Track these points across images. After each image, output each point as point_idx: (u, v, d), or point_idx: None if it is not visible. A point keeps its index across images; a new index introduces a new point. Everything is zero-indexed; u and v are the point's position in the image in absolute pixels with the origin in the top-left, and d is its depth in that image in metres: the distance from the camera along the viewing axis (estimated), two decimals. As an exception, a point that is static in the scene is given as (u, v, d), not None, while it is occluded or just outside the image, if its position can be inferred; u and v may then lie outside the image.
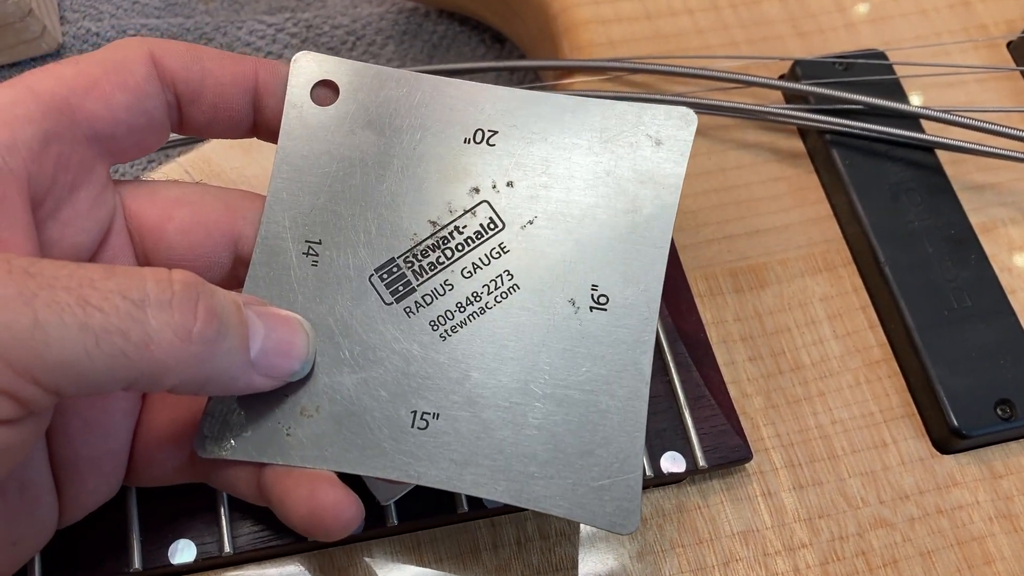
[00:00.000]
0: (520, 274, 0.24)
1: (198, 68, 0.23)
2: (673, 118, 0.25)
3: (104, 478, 0.23)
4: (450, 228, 0.24)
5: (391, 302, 0.24)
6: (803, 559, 0.28)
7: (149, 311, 0.19)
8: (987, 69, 0.37)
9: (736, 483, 0.29)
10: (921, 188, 0.34)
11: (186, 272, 0.20)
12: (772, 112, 0.35)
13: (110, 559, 0.25)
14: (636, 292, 0.24)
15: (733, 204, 0.34)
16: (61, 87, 0.22)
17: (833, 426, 0.30)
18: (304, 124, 0.25)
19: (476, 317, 0.24)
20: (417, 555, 0.27)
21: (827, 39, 0.38)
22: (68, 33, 0.44)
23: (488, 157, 0.25)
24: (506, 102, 0.25)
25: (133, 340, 0.18)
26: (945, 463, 0.30)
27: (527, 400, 0.23)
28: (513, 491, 0.23)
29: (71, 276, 0.18)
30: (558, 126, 0.25)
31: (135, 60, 0.23)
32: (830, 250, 0.33)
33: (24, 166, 0.20)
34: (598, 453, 0.23)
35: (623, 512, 0.23)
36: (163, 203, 0.24)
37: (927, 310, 0.31)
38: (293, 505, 0.22)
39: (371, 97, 0.25)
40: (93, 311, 0.18)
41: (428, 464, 0.23)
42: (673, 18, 0.38)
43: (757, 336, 0.31)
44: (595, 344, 0.24)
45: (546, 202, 0.25)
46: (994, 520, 0.29)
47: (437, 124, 0.25)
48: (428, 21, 0.47)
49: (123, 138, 0.23)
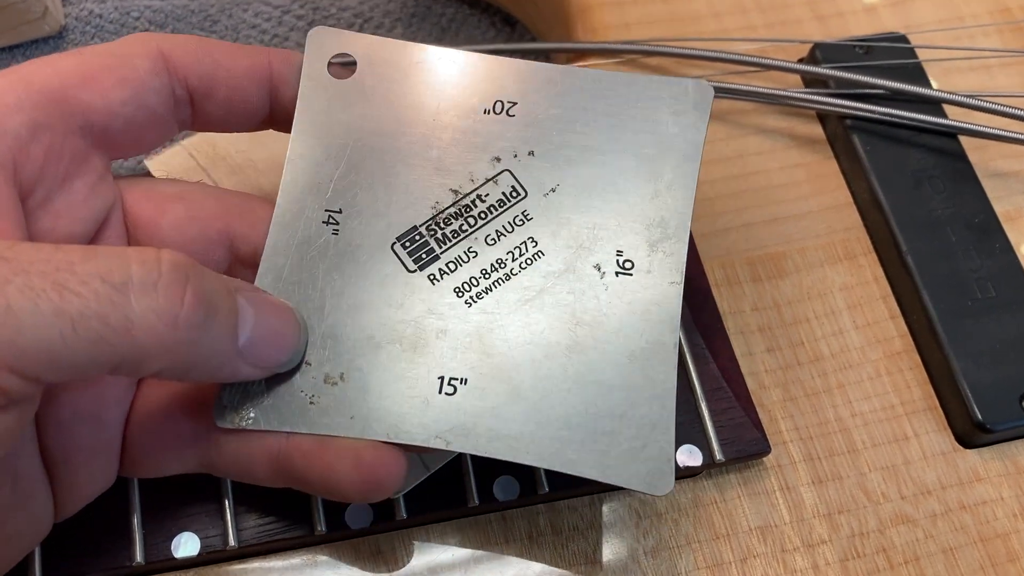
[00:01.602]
0: (544, 240, 0.24)
1: (210, 62, 0.23)
2: (691, 89, 0.25)
3: (98, 468, 0.23)
4: (472, 196, 0.25)
5: (414, 269, 0.24)
6: (822, 555, 0.27)
7: (132, 294, 0.18)
8: (1012, 53, 0.36)
9: (753, 477, 0.28)
10: (944, 175, 0.33)
11: (176, 252, 0.19)
12: (791, 96, 0.34)
13: (112, 552, 0.25)
14: (661, 258, 0.24)
15: (751, 191, 0.33)
16: (56, 77, 0.21)
17: (853, 419, 0.29)
18: (322, 97, 0.25)
19: (501, 283, 0.24)
20: (426, 549, 0.26)
21: (847, 22, 0.37)
22: (71, 15, 0.43)
23: (508, 127, 0.25)
24: (524, 74, 0.25)
25: (112, 325, 0.18)
26: (968, 458, 0.29)
27: (556, 365, 0.23)
28: (546, 455, 0.23)
29: (48, 260, 0.17)
30: (577, 97, 0.25)
31: (140, 55, 0.23)
32: (850, 238, 0.32)
33: (10, 154, 0.20)
34: (629, 416, 0.23)
35: (657, 473, 0.23)
36: (159, 198, 0.24)
37: (950, 300, 0.30)
38: (343, 475, 0.22)
39: (388, 70, 0.25)
40: (69, 295, 0.17)
41: (458, 430, 0.23)
42: (689, 1, 0.37)
43: (775, 326, 0.31)
44: (623, 308, 0.24)
45: (567, 170, 0.25)
46: (1018, 516, 0.28)
47: (455, 95, 0.25)
48: (437, 3, 0.46)
49: (121, 132, 0.23)
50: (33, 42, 0.42)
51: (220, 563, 0.26)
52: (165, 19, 0.43)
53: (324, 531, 0.25)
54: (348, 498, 0.22)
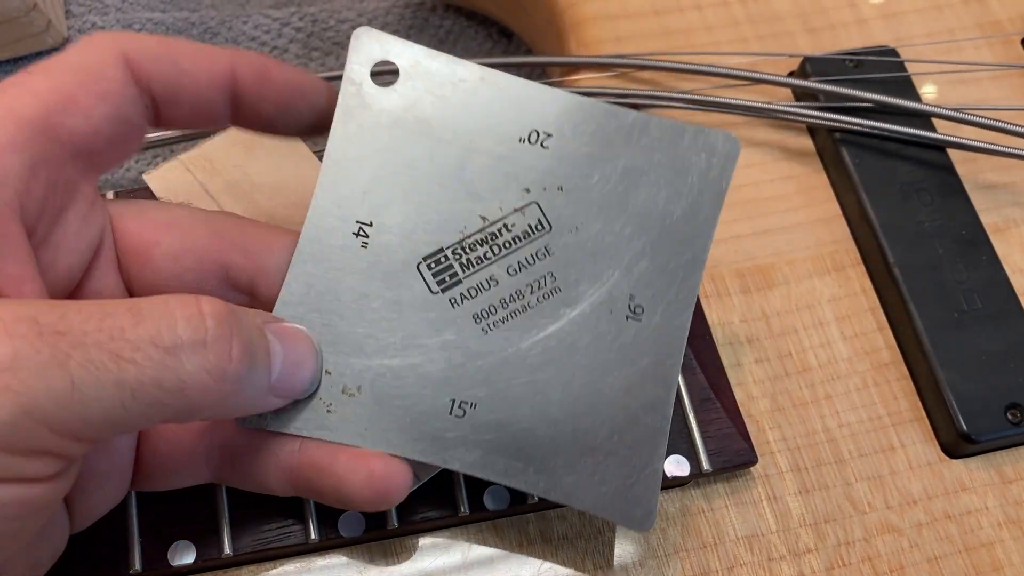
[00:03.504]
0: (562, 278, 0.25)
1: (174, 71, 0.23)
2: (721, 142, 0.25)
3: (110, 489, 0.23)
4: (499, 225, 0.25)
5: (437, 291, 0.24)
6: (808, 564, 0.28)
7: (183, 355, 0.19)
8: (1001, 67, 0.37)
9: (741, 487, 0.29)
10: (932, 188, 0.33)
11: (215, 301, 0.20)
12: (781, 110, 0.34)
13: (110, 561, 0.25)
14: (671, 306, 0.25)
15: (741, 203, 0.33)
16: (40, 106, 0.21)
17: (840, 430, 0.30)
18: (362, 103, 0.25)
19: (518, 315, 0.24)
20: (418, 557, 0.27)
21: (838, 35, 0.37)
22: (73, 27, 0.44)
23: (542, 159, 0.25)
24: (562, 106, 0.25)
25: (167, 388, 0.18)
26: (954, 468, 0.29)
27: (561, 399, 0.24)
28: (540, 484, 0.24)
29: (100, 329, 0.18)
30: (612, 137, 0.25)
31: (109, 64, 0.22)
32: (839, 251, 0.33)
33: (16, 197, 0.20)
34: (623, 455, 0.24)
35: (642, 512, 0.24)
36: (151, 226, 0.24)
37: (937, 312, 0.31)
38: (355, 487, 0.23)
39: (431, 83, 0.25)
40: (126, 365, 0.18)
41: (463, 451, 0.24)
42: (681, 14, 0.37)
43: (764, 338, 0.31)
44: (628, 351, 0.24)
45: (592, 211, 0.25)
46: (1003, 526, 0.29)
47: (493, 120, 0.25)
48: (434, 15, 0.46)
49: (105, 150, 0.22)
50: (36, 55, 0.43)
51: (216, 571, 0.26)
52: (166, 31, 0.44)
53: (317, 539, 0.26)
54: (358, 507, 0.23)
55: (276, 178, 0.30)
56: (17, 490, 0.18)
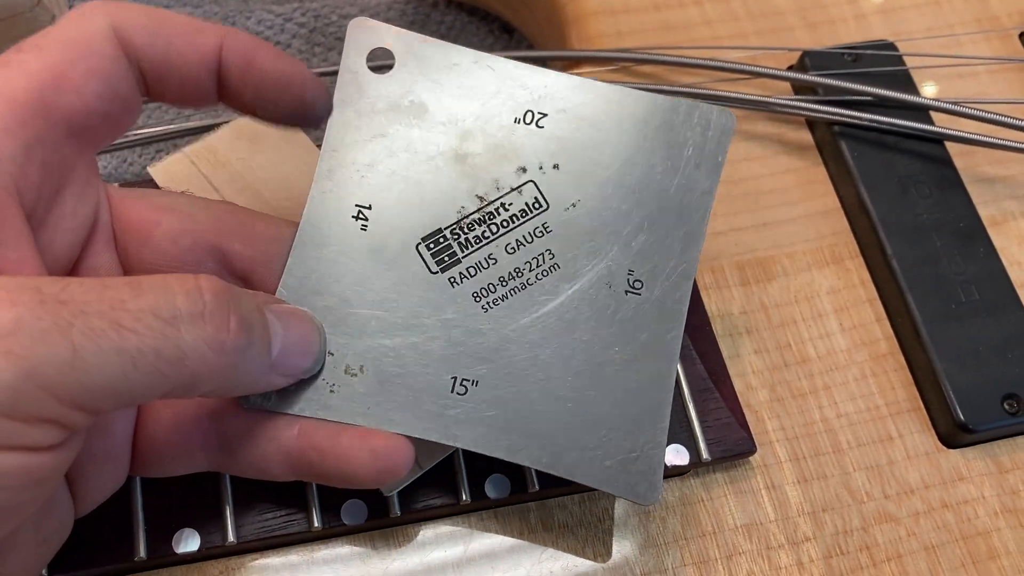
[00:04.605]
0: (560, 254, 0.25)
1: (163, 47, 0.22)
2: (715, 117, 0.26)
3: (108, 474, 0.23)
4: (496, 204, 0.25)
5: (436, 271, 0.25)
6: (807, 553, 0.28)
7: (182, 326, 0.19)
8: (999, 60, 0.37)
9: (740, 476, 0.29)
10: (930, 181, 0.33)
11: (212, 279, 0.20)
12: (780, 104, 0.34)
13: (115, 549, 0.25)
14: (669, 281, 0.25)
15: (740, 196, 0.34)
16: (33, 86, 0.21)
17: (838, 420, 0.30)
18: (359, 90, 0.25)
19: (517, 292, 0.25)
20: (419, 545, 0.27)
21: (837, 30, 0.38)
22: (77, 23, 0.44)
23: (536, 138, 0.25)
24: (555, 86, 0.26)
25: (167, 357, 0.19)
26: (951, 457, 0.30)
27: (563, 375, 0.24)
28: (545, 459, 0.24)
29: (101, 299, 0.18)
30: (605, 115, 0.26)
31: (99, 38, 0.21)
32: (838, 243, 0.33)
33: (12, 181, 0.20)
34: (627, 429, 0.24)
35: (647, 484, 0.24)
36: (152, 207, 0.24)
37: (935, 304, 0.31)
38: (359, 465, 0.23)
39: (426, 68, 0.25)
40: (127, 333, 0.18)
41: (466, 428, 0.24)
42: (682, 9, 0.38)
43: (763, 329, 0.31)
44: (628, 326, 0.25)
45: (589, 187, 0.25)
46: (1000, 515, 0.29)
47: (489, 102, 0.25)
48: (436, 11, 0.47)
49: (99, 126, 0.22)
50: (40, 50, 0.43)
51: (220, 558, 0.26)
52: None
53: (321, 527, 0.26)
54: (363, 484, 0.23)
55: (279, 171, 0.30)
56: (19, 458, 0.18)
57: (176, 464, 0.24)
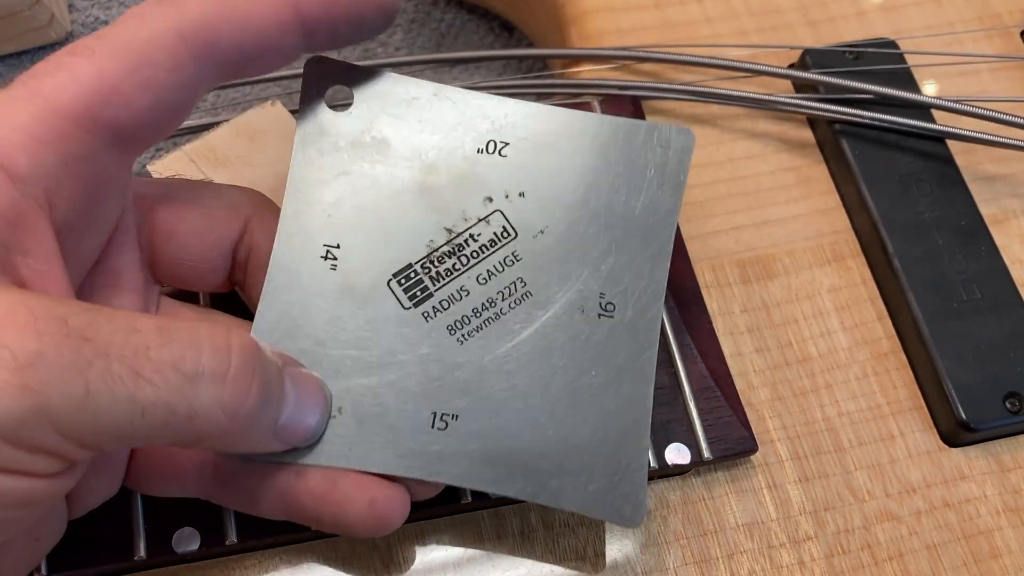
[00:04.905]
0: (532, 282, 0.25)
1: (239, 32, 0.21)
2: (675, 136, 0.26)
3: (104, 480, 0.23)
4: (465, 236, 0.25)
5: (409, 307, 0.24)
6: (808, 552, 0.28)
7: (201, 385, 0.19)
8: (1000, 58, 0.37)
9: (741, 475, 0.29)
10: (931, 179, 0.33)
11: (244, 337, 0.20)
12: (781, 102, 0.34)
13: (115, 548, 0.25)
14: (641, 302, 0.25)
15: (741, 194, 0.34)
16: (79, 97, 0.20)
17: (840, 418, 0.30)
18: (320, 129, 0.25)
19: (491, 322, 0.25)
20: (420, 545, 0.27)
21: (838, 27, 0.37)
22: (77, 21, 0.44)
23: (501, 168, 0.25)
24: (515, 114, 0.26)
25: (177, 413, 0.18)
26: (953, 456, 0.30)
27: (542, 402, 0.24)
28: (529, 489, 0.24)
29: (126, 343, 0.18)
30: (567, 141, 0.26)
31: (159, 47, 0.20)
32: (839, 241, 0.33)
33: (45, 194, 0.20)
34: (607, 452, 0.24)
35: (631, 507, 0.24)
36: (177, 204, 0.24)
37: (936, 302, 0.31)
38: (355, 514, 0.23)
39: (385, 104, 0.25)
40: (144, 384, 0.18)
41: (449, 463, 0.23)
42: (682, 6, 0.38)
43: (764, 327, 0.31)
44: (603, 349, 0.25)
45: (555, 213, 0.25)
46: (1002, 514, 0.29)
47: (451, 133, 0.25)
48: (436, 9, 0.47)
49: (145, 136, 0.22)
50: (39, 49, 0.43)
51: (220, 558, 0.26)
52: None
53: (321, 527, 0.26)
54: (356, 534, 0.23)
55: (279, 169, 0.30)
56: (20, 482, 0.18)
57: (168, 487, 0.24)
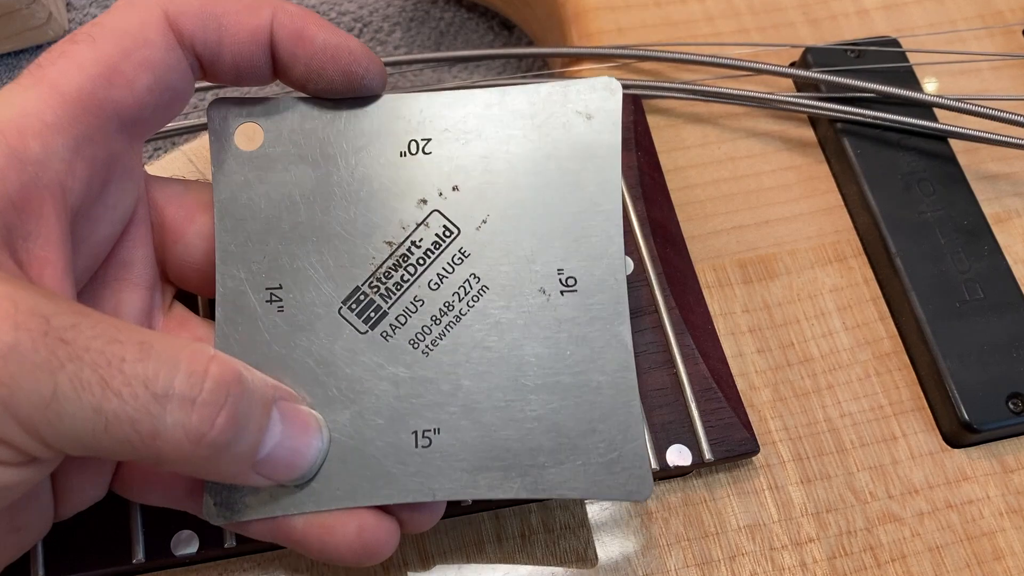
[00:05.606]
0: (485, 275, 0.24)
1: (215, 27, 0.22)
2: (598, 90, 0.25)
3: (90, 481, 0.23)
4: (407, 244, 0.24)
5: (366, 330, 0.24)
6: (810, 553, 0.28)
7: (168, 406, 0.18)
8: (1003, 57, 0.37)
9: (743, 476, 0.29)
10: (934, 178, 0.33)
11: (227, 366, 0.19)
12: (782, 100, 0.34)
13: (113, 551, 0.25)
14: (601, 267, 0.24)
15: (742, 194, 0.33)
16: (84, 81, 0.21)
17: (842, 419, 0.30)
18: (235, 170, 0.24)
19: (453, 326, 0.24)
20: (421, 548, 0.27)
21: (839, 26, 0.37)
22: (74, 20, 0.44)
23: (428, 166, 0.25)
24: (431, 108, 0.25)
25: (140, 431, 0.18)
26: (955, 457, 0.29)
27: (521, 395, 0.23)
28: (528, 486, 0.23)
29: (102, 351, 0.18)
30: (488, 121, 0.25)
31: (152, 28, 0.22)
32: (840, 241, 0.33)
33: (57, 179, 0.20)
34: (600, 429, 0.23)
35: (636, 480, 0.23)
36: (190, 204, 0.24)
37: (938, 302, 0.31)
38: (344, 544, 0.22)
39: (296, 130, 0.25)
40: (111, 395, 0.18)
41: (441, 479, 0.23)
42: (683, 5, 0.37)
43: (766, 328, 0.31)
44: (574, 326, 0.24)
45: (494, 199, 0.24)
46: (1005, 515, 0.29)
47: (368, 144, 0.25)
48: (435, 8, 0.46)
49: (149, 118, 0.22)
50: (37, 47, 0.43)
51: (218, 561, 0.26)
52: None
53: (320, 529, 0.26)
54: (344, 563, 0.23)
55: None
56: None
57: (155, 497, 0.24)
